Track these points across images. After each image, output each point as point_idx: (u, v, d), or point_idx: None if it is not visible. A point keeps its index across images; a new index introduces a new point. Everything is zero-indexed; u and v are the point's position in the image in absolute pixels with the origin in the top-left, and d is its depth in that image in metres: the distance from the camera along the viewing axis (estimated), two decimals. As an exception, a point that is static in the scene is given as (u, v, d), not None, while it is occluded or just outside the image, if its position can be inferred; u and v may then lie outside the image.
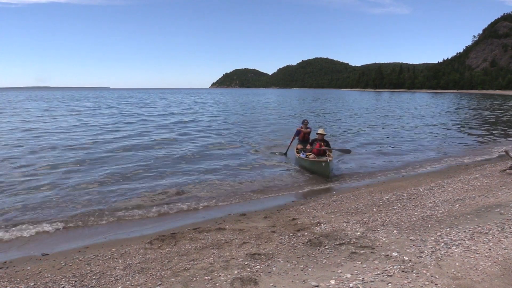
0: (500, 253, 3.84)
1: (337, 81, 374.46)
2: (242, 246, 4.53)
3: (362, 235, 4.63)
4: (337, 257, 3.98)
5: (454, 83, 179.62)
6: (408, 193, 6.96)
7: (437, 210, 5.63)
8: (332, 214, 5.84)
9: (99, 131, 18.20)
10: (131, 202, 7.06)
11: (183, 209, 6.75)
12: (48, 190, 7.73)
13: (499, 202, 5.90)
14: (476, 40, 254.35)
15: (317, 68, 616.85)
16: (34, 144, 13.71)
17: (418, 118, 27.50)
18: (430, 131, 19.46)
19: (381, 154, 12.51)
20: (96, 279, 3.78)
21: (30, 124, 21.05)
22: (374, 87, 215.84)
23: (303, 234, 4.83)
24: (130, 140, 15.13)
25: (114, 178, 8.78)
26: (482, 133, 18.58)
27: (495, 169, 9.04)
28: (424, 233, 4.57)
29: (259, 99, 70.80)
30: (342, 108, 40.86)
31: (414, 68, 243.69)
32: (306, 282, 3.41)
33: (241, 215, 6.24)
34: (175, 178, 8.89)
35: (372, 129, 20.15)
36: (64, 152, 12.11)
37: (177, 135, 17.19)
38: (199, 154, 12.19)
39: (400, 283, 3.27)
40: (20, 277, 3.98)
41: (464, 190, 6.95)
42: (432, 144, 14.90)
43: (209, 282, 3.53)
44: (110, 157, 11.41)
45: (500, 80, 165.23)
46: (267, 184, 8.51)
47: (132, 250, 4.65)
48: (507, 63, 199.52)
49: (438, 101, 59.33)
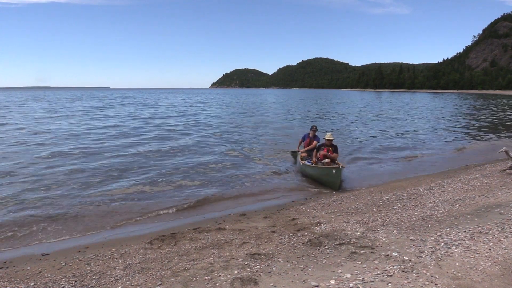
0: (500, 253, 3.84)
1: (337, 81, 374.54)
2: (242, 246, 4.53)
3: (362, 235, 4.62)
4: (337, 257, 3.98)
5: (454, 83, 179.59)
6: (408, 193, 6.96)
7: (437, 210, 5.63)
8: (332, 214, 5.84)
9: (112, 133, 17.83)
10: (131, 201, 7.06)
11: (183, 209, 6.75)
12: (45, 189, 7.74)
13: (499, 202, 5.90)
14: (476, 40, 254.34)
15: (317, 68, 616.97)
16: (32, 145, 13.72)
17: (431, 122, 25.11)
18: (434, 130, 19.38)
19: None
20: (96, 279, 3.78)
21: (43, 126, 21.05)
22: (374, 87, 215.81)
23: (303, 234, 4.82)
24: (146, 144, 15.12)
25: (114, 177, 8.80)
26: (482, 133, 18.58)
27: (495, 169, 9.04)
28: (424, 233, 4.57)
29: (263, 99, 70.12)
30: (351, 110, 37.04)
31: (414, 68, 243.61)
32: (306, 282, 3.41)
33: (241, 215, 6.24)
34: (175, 178, 8.88)
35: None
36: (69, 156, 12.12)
37: (178, 135, 17.21)
38: (199, 154, 12.19)
39: (400, 283, 3.27)
40: (20, 277, 3.98)
41: (464, 190, 6.95)
42: (432, 144, 14.90)
43: (209, 282, 3.53)
44: (118, 159, 11.41)
45: (500, 80, 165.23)
46: (267, 184, 8.51)
47: (132, 250, 4.65)
48: (507, 63, 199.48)
49: (440, 102, 58.84)
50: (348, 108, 41.71)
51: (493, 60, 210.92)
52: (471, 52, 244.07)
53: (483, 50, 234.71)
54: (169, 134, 17.53)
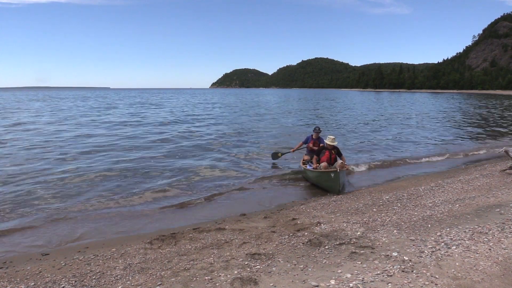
0: (500, 253, 3.84)
1: (337, 81, 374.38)
2: (242, 246, 4.53)
3: (362, 235, 4.62)
4: (337, 257, 3.98)
5: (454, 83, 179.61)
6: (408, 193, 6.96)
7: (437, 210, 5.63)
8: (332, 214, 5.84)
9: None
10: (131, 202, 7.06)
11: (183, 209, 6.75)
12: (45, 189, 7.75)
13: (499, 202, 5.90)
14: (476, 40, 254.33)
15: (317, 68, 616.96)
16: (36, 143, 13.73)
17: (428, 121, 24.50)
18: (434, 130, 19.28)
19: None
20: (96, 279, 3.78)
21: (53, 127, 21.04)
22: (374, 87, 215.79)
23: (303, 234, 4.83)
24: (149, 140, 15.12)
25: (114, 177, 8.80)
26: (482, 133, 18.57)
27: (495, 169, 9.04)
28: (424, 233, 4.57)
29: (266, 99, 69.32)
30: (362, 112, 33.94)
31: (414, 68, 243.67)
32: (306, 282, 3.41)
33: (241, 215, 6.25)
34: (174, 177, 8.89)
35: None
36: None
37: (180, 132, 17.21)
38: (200, 154, 12.19)
39: (400, 283, 3.27)
40: (20, 277, 3.98)
41: (464, 190, 6.95)
42: (433, 143, 14.90)
43: (209, 282, 3.53)
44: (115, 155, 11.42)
45: (500, 80, 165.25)
46: (267, 184, 8.52)
47: (132, 250, 4.65)
48: (507, 63, 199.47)
49: (444, 103, 57.92)
50: (357, 111, 37.08)
51: (493, 60, 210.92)
52: (471, 52, 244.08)
53: (483, 50, 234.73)
54: (169, 134, 17.52)
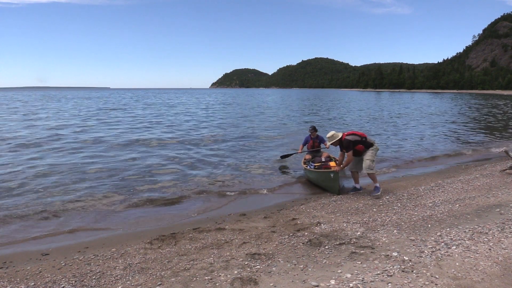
0: (500, 253, 3.84)
1: (337, 81, 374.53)
2: (242, 246, 4.53)
3: (362, 235, 4.63)
4: (337, 257, 3.98)
5: (454, 83, 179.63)
6: (408, 193, 6.96)
7: (437, 210, 5.63)
8: (332, 214, 5.84)
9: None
10: (131, 201, 7.06)
11: (183, 209, 6.75)
12: (44, 188, 7.75)
13: (499, 202, 5.90)
14: (476, 40, 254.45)
15: (317, 68, 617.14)
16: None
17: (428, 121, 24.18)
18: (437, 130, 19.17)
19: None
20: (96, 279, 3.78)
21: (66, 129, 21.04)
22: (374, 87, 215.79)
23: (303, 234, 4.83)
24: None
25: (115, 176, 8.80)
26: (482, 133, 18.56)
27: (495, 169, 9.04)
28: (424, 233, 4.57)
29: (266, 99, 69.04)
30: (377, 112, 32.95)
31: (414, 68, 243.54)
32: (306, 282, 3.41)
33: (241, 215, 6.24)
34: (174, 177, 8.89)
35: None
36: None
37: (182, 131, 17.20)
38: (200, 154, 12.19)
39: (400, 283, 3.27)
40: (20, 277, 3.98)
41: (464, 190, 6.95)
42: (432, 143, 14.89)
43: (209, 282, 3.53)
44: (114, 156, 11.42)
45: (500, 80, 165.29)
46: (267, 184, 8.51)
47: (132, 250, 4.65)
48: (507, 63, 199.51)
49: (445, 102, 57.45)
50: (365, 112, 35.06)
51: (493, 60, 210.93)
52: (471, 52, 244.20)
53: (483, 50, 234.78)
54: (171, 134, 17.52)
